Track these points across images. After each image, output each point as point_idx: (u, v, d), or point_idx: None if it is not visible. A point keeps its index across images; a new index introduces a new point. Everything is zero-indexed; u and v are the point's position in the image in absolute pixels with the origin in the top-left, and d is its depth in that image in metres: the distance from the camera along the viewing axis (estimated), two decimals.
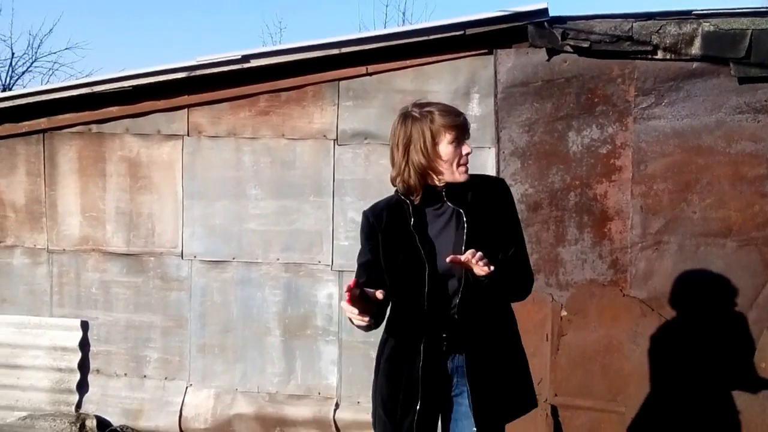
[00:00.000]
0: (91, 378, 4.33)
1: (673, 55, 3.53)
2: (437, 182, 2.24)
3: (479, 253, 2.04)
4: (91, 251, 4.28)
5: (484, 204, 2.26)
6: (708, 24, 3.48)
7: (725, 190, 3.59)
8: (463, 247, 2.16)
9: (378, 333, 3.95)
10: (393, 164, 2.27)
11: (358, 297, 1.98)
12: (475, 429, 2.24)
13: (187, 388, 4.23)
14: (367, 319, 2.02)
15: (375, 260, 2.30)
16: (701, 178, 3.61)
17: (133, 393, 4.28)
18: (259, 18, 30.75)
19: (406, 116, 2.23)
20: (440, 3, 23.28)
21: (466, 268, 2.11)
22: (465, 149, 2.21)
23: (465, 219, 2.21)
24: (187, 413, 4.18)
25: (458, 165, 2.21)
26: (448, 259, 2.06)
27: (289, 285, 4.10)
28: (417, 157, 2.19)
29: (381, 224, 2.29)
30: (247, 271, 4.13)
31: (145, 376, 4.28)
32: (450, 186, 2.24)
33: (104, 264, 4.27)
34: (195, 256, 4.17)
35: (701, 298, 3.65)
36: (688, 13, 3.51)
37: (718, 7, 3.49)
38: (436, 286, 2.22)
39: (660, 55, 3.55)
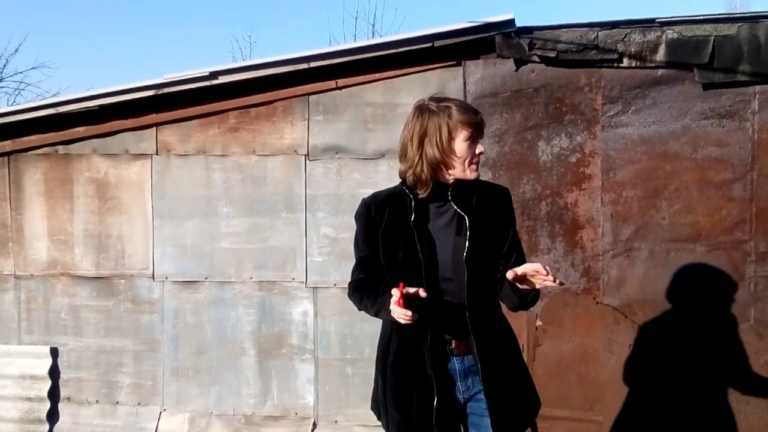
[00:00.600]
0: (61, 406, 4.21)
1: (638, 63, 3.59)
2: (447, 178, 2.23)
3: (540, 265, 2.02)
4: (60, 275, 4.19)
5: (487, 211, 2.27)
6: (671, 31, 3.54)
7: (693, 195, 3.63)
8: (465, 253, 2.18)
9: (354, 348, 3.93)
10: (403, 158, 2.24)
11: (411, 301, 2.04)
12: None
13: (161, 413, 4.14)
14: (411, 314, 2.05)
15: (374, 257, 2.28)
16: (669, 184, 3.65)
17: (106, 420, 4.18)
18: (228, 33, 30.77)
19: (422, 109, 2.22)
20: (409, 15, 23.61)
21: (524, 281, 2.08)
22: (479, 148, 2.22)
23: (468, 224, 2.21)
24: None
25: (470, 163, 2.21)
26: (509, 276, 2.06)
27: (263, 303, 4.05)
28: (432, 151, 2.18)
29: (382, 218, 2.27)
30: (220, 290, 4.07)
31: (117, 403, 4.18)
32: (456, 186, 2.23)
33: (73, 288, 4.18)
34: (166, 277, 4.10)
35: (673, 303, 3.67)
36: (651, 21, 3.57)
37: (681, 14, 3.56)
38: (434, 284, 2.19)
39: (626, 62, 3.60)
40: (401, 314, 2.04)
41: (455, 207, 2.23)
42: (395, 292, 2.05)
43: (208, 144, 4.04)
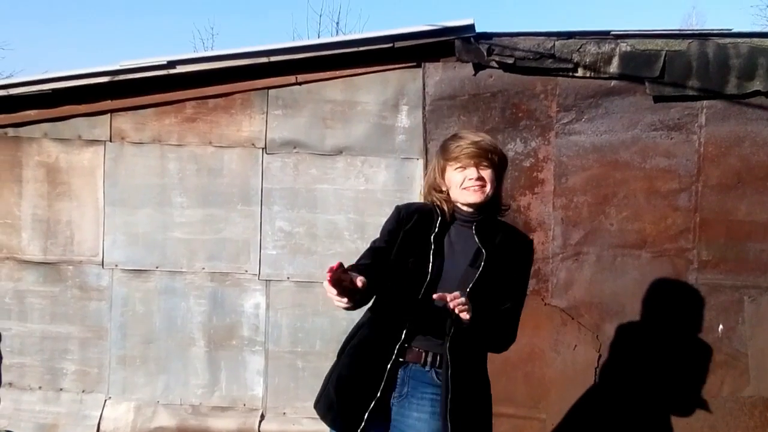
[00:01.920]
0: (2, 392, 4.13)
1: (592, 73, 3.68)
2: (462, 206, 2.32)
3: (463, 299, 2.09)
4: (5, 259, 4.10)
5: (506, 255, 2.32)
6: (625, 44, 3.64)
7: (640, 203, 3.75)
8: (470, 286, 2.22)
9: (306, 342, 3.95)
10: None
11: (339, 280, 2.01)
12: None
13: (105, 401, 4.09)
14: (345, 300, 2.05)
15: (386, 252, 2.33)
16: (618, 191, 3.76)
17: (48, 407, 4.11)
18: (190, 23, 30.23)
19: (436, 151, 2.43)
20: (373, 15, 23.55)
21: (448, 308, 2.12)
22: (469, 173, 2.27)
23: (484, 261, 2.26)
24: (105, 427, 4.04)
25: (463, 188, 2.27)
26: (435, 296, 2.10)
27: (214, 295, 4.03)
28: (432, 192, 2.37)
29: (408, 223, 2.34)
30: (171, 280, 4.04)
31: (61, 389, 4.12)
32: (483, 221, 2.32)
33: (19, 272, 4.10)
34: (116, 265, 4.05)
35: (618, 306, 3.79)
36: (606, 33, 3.66)
37: (634, 28, 3.66)
38: (428, 300, 2.22)
39: (580, 72, 3.69)
40: (327, 292, 2.03)
41: (477, 240, 2.30)
42: (329, 269, 1.99)
43: (163, 133, 3.99)
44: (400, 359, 2.29)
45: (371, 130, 3.90)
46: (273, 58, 3.77)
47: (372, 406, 2.27)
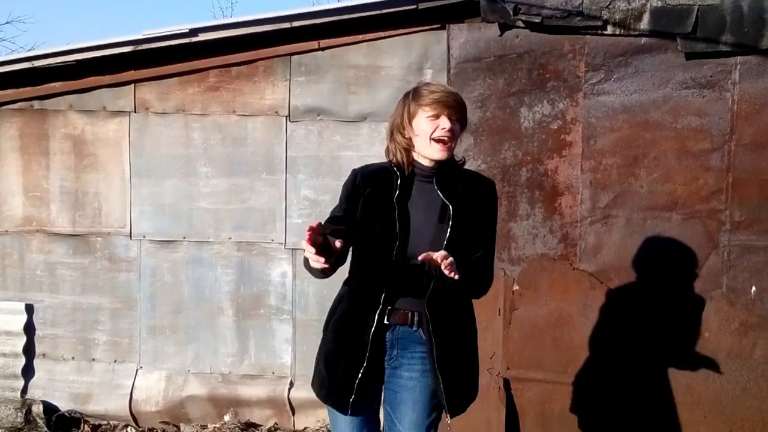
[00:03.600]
0: (36, 362, 4.21)
1: (622, 31, 3.58)
2: (423, 160, 2.29)
3: (450, 259, 2.08)
4: (35, 232, 4.14)
5: (472, 202, 2.30)
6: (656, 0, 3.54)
7: (671, 164, 3.67)
8: (445, 243, 2.20)
9: None
10: (388, 140, 2.36)
11: (318, 240, 2.01)
12: (448, 418, 2.31)
13: (137, 370, 4.15)
14: (323, 260, 2.03)
15: (345, 220, 2.32)
16: (648, 152, 3.68)
17: (82, 377, 4.18)
18: None
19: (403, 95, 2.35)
20: None
21: (435, 266, 2.12)
22: (443, 122, 2.22)
23: (452, 214, 2.24)
24: (137, 396, 4.11)
25: (432, 139, 2.23)
26: (420, 257, 2.09)
27: (241, 264, 4.05)
28: (396, 134, 2.30)
29: (366, 188, 2.31)
30: (198, 250, 4.06)
31: (93, 360, 4.18)
32: (442, 172, 2.29)
33: (49, 245, 4.14)
34: (144, 236, 4.08)
35: (648, 270, 3.73)
36: None
37: None
38: (402, 261, 2.24)
39: (609, 30, 3.59)
40: (306, 250, 2.02)
41: (441, 195, 2.27)
42: (309, 228, 1.99)
43: (187, 102, 3.98)
44: (386, 323, 2.29)
45: (396, 94, 3.81)
46: (295, 23, 3.74)
47: (360, 375, 2.28)
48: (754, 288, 3.67)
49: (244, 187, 4.00)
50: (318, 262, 2.04)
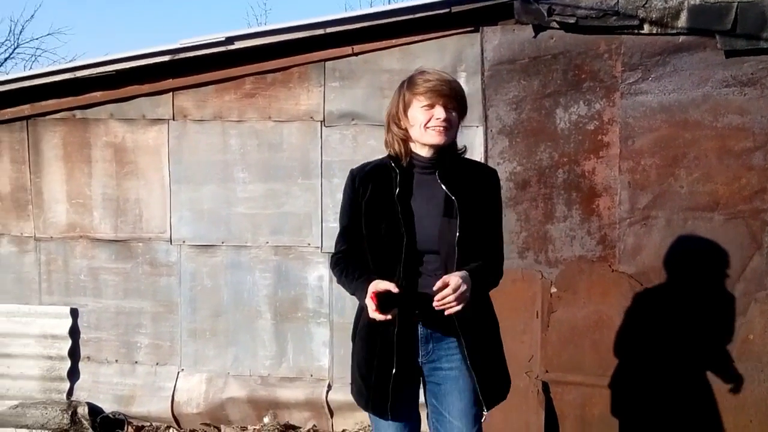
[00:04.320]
0: (81, 365, 4.31)
1: (659, 29, 3.52)
2: (421, 150, 2.28)
3: (462, 289, 2.11)
4: (79, 238, 4.25)
5: (476, 193, 2.29)
6: None
7: (712, 163, 3.60)
8: (457, 238, 2.20)
9: None
10: (385, 132, 2.36)
11: (382, 300, 2.12)
12: (485, 411, 2.33)
13: (178, 373, 4.22)
14: (389, 316, 2.13)
15: (355, 227, 2.33)
16: (688, 152, 3.61)
17: (125, 379, 4.27)
18: (243, 1, 30.50)
19: (399, 85, 2.32)
20: None
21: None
22: (437, 112, 2.21)
23: (458, 209, 2.23)
24: (179, 398, 4.18)
25: (427, 127, 2.22)
26: (435, 287, 2.12)
27: (279, 268, 4.09)
28: (393, 124, 2.30)
29: (366, 190, 2.31)
30: (236, 254, 4.11)
31: (136, 362, 4.27)
32: (443, 164, 2.28)
33: (92, 251, 4.24)
34: (184, 241, 4.15)
35: (689, 271, 3.67)
36: None
37: None
38: (413, 259, 2.24)
39: (646, 29, 3.54)
40: (381, 318, 2.13)
41: (444, 188, 2.26)
42: (370, 304, 2.14)
43: (224, 109, 4.04)
44: (415, 320, 2.30)
45: None
46: (329, 30, 3.75)
47: (393, 379, 2.28)
48: None
49: (280, 192, 4.04)
50: (391, 317, 2.14)
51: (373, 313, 2.12)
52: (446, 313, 2.12)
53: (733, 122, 3.56)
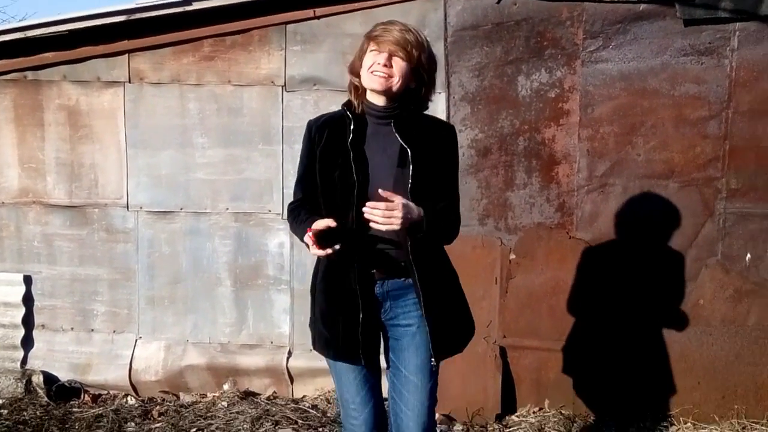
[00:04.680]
0: (36, 333, 4.22)
1: None
2: (374, 98, 2.28)
3: (398, 209, 2.09)
4: (32, 203, 4.13)
5: (431, 147, 2.29)
6: None
7: (669, 132, 3.67)
8: (410, 187, 2.20)
9: None
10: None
11: (321, 237, 2.10)
12: (433, 360, 2.32)
13: (136, 340, 4.17)
14: (330, 251, 2.12)
15: (310, 176, 2.34)
16: (646, 120, 3.68)
17: (81, 347, 4.20)
18: None
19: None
20: None
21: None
22: (380, 58, 2.20)
23: (411, 160, 2.22)
24: (137, 366, 4.13)
25: (370, 71, 2.21)
26: (381, 192, 2.11)
27: (239, 235, 4.05)
28: (351, 73, 2.32)
29: (321, 138, 2.31)
30: (195, 221, 4.05)
31: (92, 330, 4.20)
32: (397, 115, 2.27)
33: (46, 217, 4.14)
34: (141, 207, 4.07)
35: (644, 238, 3.75)
36: None
37: None
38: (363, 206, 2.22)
39: None
40: (321, 254, 2.14)
41: (399, 138, 2.25)
42: (308, 241, 2.14)
43: (182, 72, 3.95)
44: (373, 277, 2.30)
45: None
46: None
47: (360, 325, 2.28)
48: (749, 255, 3.70)
49: (240, 158, 3.98)
50: (333, 254, 2.12)
51: (314, 249, 2.12)
52: (370, 224, 2.12)
53: (690, 91, 3.63)
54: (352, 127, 2.27)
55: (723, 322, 3.72)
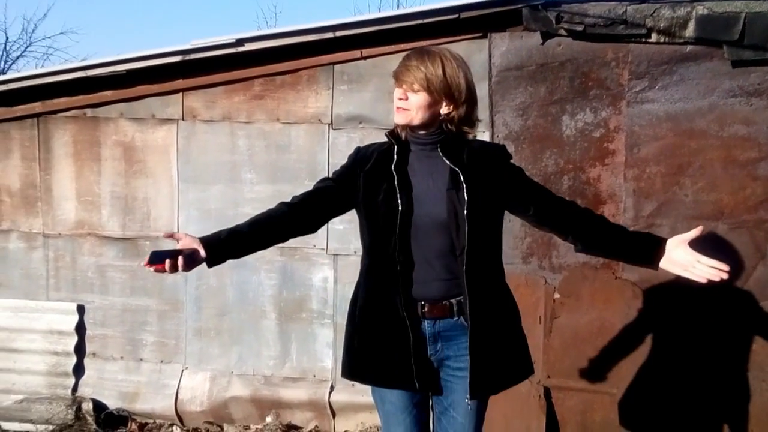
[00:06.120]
0: (87, 361, 4.35)
1: (666, 39, 3.54)
2: (416, 129, 2.27)
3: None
4: (87, 235, 4.28)
5: (482, 166, 2.26)
6: (702, 7, 3.48)
7: (717, 173, 3.61)
8: (465, 208, 2.17)
9: None
10: None
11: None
12: (467, 399, 2.27)
13: (183, 371, 4.25)
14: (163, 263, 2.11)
15: (330, 187, 2.35)
16: (694, 161, 3.63)
17: (130, 376, 4.31)
18: (254, 2, 30.63)
19: None
20: None
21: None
22: (398, 93, 2.25)
23: (463, 179, 2.20)
24: (183, 396, 4.21)
25: (395, 106, 2.26)
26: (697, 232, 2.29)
27: (284, 269, 4.12)
28: None
29: (367, 163, 2.32)
30: None
31: (141, 360, 4.30)
32: (445, 140, 2.26)
33: (100, 248, 4.28)
34: None
35: (693, 280, 3.66)
36: None
37: None
38: (409, 230, 2.21)
39: (654, 38, 3.55)
40: (151, 270, 2.13)
41: (447, 161, 2.24)
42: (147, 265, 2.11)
43: (233, 110, 4.07)
44: (423, 316, 2.26)
45: None
46: (338, 33, 3.78)
47: (412, 348, 2.24)
48: None
49: (287, 194, 3.96)
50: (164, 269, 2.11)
51: (146, 267, 2.08)
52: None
53: (739, 132, 3.57)
54: (395, 151, 2.28)
55: None
